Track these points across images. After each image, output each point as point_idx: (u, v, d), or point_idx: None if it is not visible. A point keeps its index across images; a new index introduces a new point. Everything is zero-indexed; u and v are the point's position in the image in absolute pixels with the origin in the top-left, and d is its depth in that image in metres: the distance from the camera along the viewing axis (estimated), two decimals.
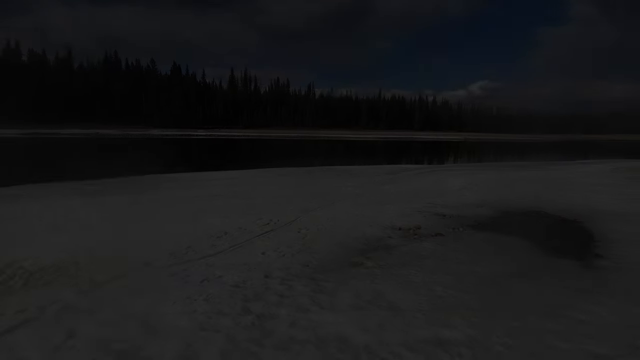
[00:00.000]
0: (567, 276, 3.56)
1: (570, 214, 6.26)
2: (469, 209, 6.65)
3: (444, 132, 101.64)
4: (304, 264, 3.91)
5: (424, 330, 2.45)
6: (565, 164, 19.53)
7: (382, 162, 22.73)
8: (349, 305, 2.85)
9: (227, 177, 12.86)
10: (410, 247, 4.50)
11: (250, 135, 67.30)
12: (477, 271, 3.64)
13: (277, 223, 5.77)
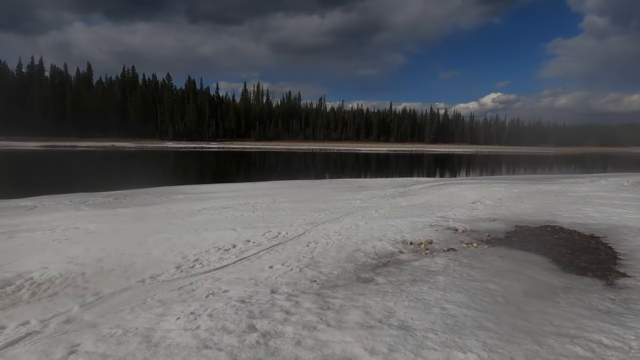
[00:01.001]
0: (589, 296, 3.37)
1: (587, 229, 6.02)
2: (482, 223, 6.46)
3: (456, 144, 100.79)
4: (312, 279, 3.82)
5: (436, 353, 2.32)
6: (581, 176, 19.02)
7: (394, 175, 22.55)
8: (358, 324, 2.73)
9: (237, 190, 12.90)
10: (421, 263, 4.36)
11: (262, 147, 67.93)
12: (491, 289, 3.49)
13: (286, 236, 5.70)
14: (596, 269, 4.25)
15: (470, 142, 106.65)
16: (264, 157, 42.74)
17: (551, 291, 3.48)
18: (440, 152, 69.12)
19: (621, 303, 3.24)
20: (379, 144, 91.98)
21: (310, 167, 31.81)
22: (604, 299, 3.32)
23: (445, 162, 41.61)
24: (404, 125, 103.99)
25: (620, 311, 3.06)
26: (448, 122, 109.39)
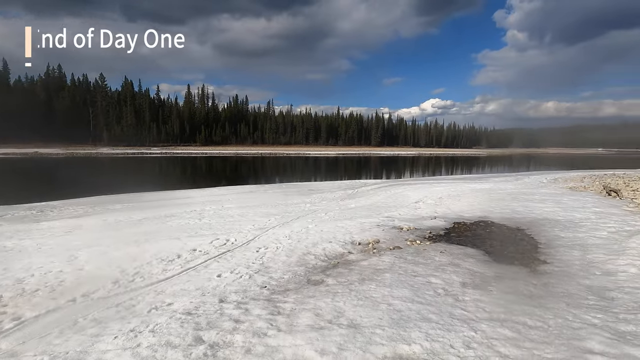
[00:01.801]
0: (516, 283, 3.74)
1: (514, 223, 6.67)
2: (425, 221, 6.86)
3: (400, 147, 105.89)
4: (262, 285, 3.76)
5: (383, 348, 2.42)
6: (508, 175, 21.04)
7: (343, 178, 23.04)
8: (308, 326, 2.75)
9: (182, 197, 12.29)
10: (369, 262, 4.51)
11: (208, 152, 65.47)
12: (433, 282, 3.71)
13: (235, 243, 5.56)
14: (522, 258, 4.73)
15: (413, 145, 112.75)
16: (210, 163, 41.23)
17: (484, 281, 3.80)
18: (386, 154, 72.09)
19: (542, 287, 3.64)
20: (328, 148, 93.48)
21: (260, 171, 31.35)
22: (528, 285, 3.70)
23: (390, 165, 43.48)
24: (352, 129, 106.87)
25: (541, 294, 3.43)
26: (392, 126, 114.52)
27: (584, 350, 2.35)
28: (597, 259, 4.53)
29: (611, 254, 4.68)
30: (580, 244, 5.23)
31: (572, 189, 11.84)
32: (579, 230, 5.97)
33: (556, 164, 46.07)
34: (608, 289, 3.55)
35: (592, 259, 4.52)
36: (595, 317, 2.86)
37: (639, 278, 3.83)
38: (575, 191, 11.35)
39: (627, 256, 4.53)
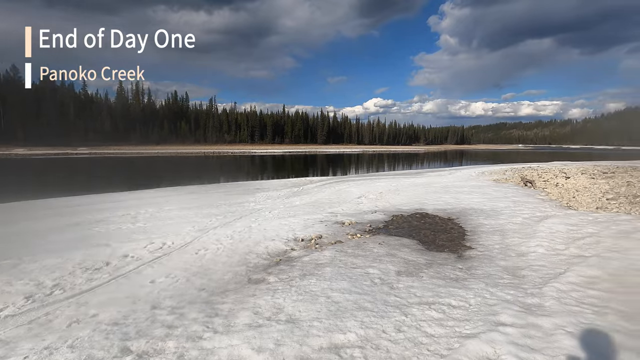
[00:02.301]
0: (444, 268, 4.05)
1: (446, 213, 7.21)
2: (366, 215, 7.12)
3: (345, 145, 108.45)
4: (200, 287, 3.63)
5: (320, 339, 2.47)
6: (443, 170, 22.65)
7: (289, 176, 22.99)
8: (246, 325, 2.72)
9: (116, 200, 11.36)
10: (311, 257, 4.57)
11: (145, 152, 61.19)
12: (370, 273, 3.88)
13: (172, 246, 5.28)
14: (450, 245, 5.13)
15: (358, 143, 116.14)
16: (148, 163, 38.58)
17: (417, 268, 4.06)
18: (331, 152, 73.39)
19: (466, 270, 3.99)
20: (274, 146, 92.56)
21: (203, 171, 30.04)
22: (455, 269, 4.03)
23: (336, 162, 44.36)
24: (298, 127, 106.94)
25: (465, 277, 3.76)
26: (337, 124, 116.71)
27: (497, 324, 2.63)
28: (513, 242, 5.07)
29: (524, 237, 5.28)
30: (500, 230, 5.81)
31: (496, 181, 13.09)
32: (500, 218, 6.62)
33: (484, 158, 50.60)
34: (520, 268, 4.00)
35: (509, 243, 5.05)
36: (508, 294, 3.21)
37: (545, 257, 4.37)
38: (498, 183, 12.57)
39: (536, 239, 5.13)
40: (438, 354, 2.29)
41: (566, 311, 2.82)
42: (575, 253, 4.43)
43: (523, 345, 2.34)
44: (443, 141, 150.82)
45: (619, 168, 16.18)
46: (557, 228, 5.64)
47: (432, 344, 2.41)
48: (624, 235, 5.08)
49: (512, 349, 2.28)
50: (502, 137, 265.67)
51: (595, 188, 9.75)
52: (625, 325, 2.59)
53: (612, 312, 2.80)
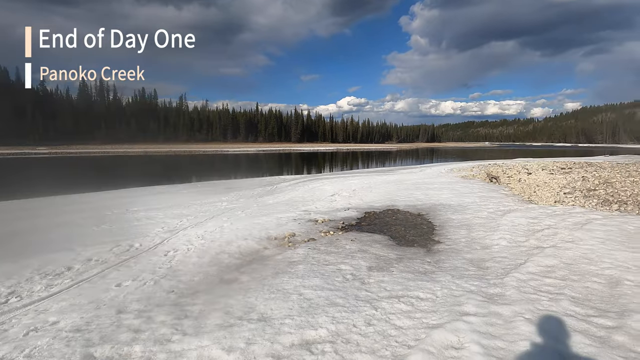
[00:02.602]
0: (414, 262, 4.17)
1: (416, 209, 7.41)
2: (339, 213, 7.19)
3: (320, 143, 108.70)
4: (169, 290, 3.54)
5: (291, 336, 2.48)
6: (414, 167, 23.24)
7: (263, 175, 22.77)
8: (217, 326, 2.68)
9: (79, 202, 10.81)
10: (284, 255, 4.56)
11: (111, 151, 58.59)
12: (343, 269, 3.93)
13: (139, 248, 5.11)
14: (420, 240, 5.28)
15: (332, 141, 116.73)
16: (114, 163, 36.98)
17: (388, 263, 4.15)
18: (306, 150, 73.34)
19: (434, 264, 4.13)
20: (248, 145, 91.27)
21: (173, 171, 29.15)
22: (424, 263, 4.16)
23: (310, 160, 44.39)
24: (271, 125, 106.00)
25: (433, 270, 3.89)
26: (311, 122, 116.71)
27: (462, 314, 2.74)
28: (479, 235, 5.30)
29: (489, 230, 5.52)
30: (466, 224, 6.05)
31: (464, 178, 13.59)
32: (467, 213, 6.89)
33: (453, 155, 52.30)
34: (484, 260, 4.19)
35: (475, 236, 5.27)
36: (472, 285, 3.35)
37: (507, 249, 4.59)
38: (466, 179, 13.06)
39: (500, 232, 5.39)
40: (406, 345, 2.37)
41: (525, 299, 2.99)
42: (534, 244, 4.70)
43: (485, 332, 2.46)
44: (415, 139, 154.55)
45: (576, 164, 17.24)
46: (519, 221, 5.94)
47: (400, 335, 2.48)
48: (578, 226, 5.44)
49: (474, 337, 2.40)
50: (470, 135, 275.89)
51: (554, 183, 10.34)
52: (576, 310, 2.78)
53: (565, 298, 3.00)
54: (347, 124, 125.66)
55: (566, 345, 2.29)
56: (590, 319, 2.64)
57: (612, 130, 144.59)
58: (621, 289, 3.18)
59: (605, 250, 4.27)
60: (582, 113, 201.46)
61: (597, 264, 3.85)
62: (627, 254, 4.13)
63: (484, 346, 2.29)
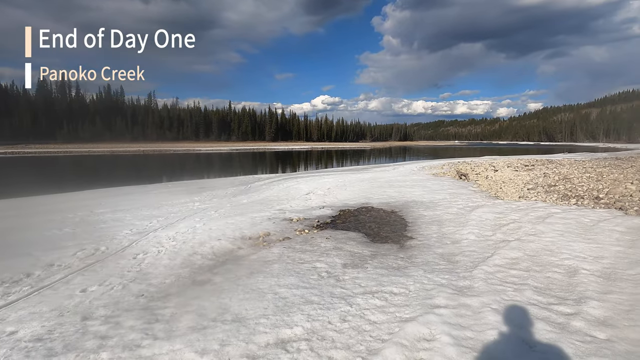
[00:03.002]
0: (387, 258, 4.25)
1: (389, 206, 7.56)
2: (314, 211, 7.21)
3: (294, 142, 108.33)
4: (139, 293, 3.42)
5: (267, 335, 2.47)
6: (387, 165, 23.67)
7: (236, 174, 22.41)
8: (190, 328, 2.62)
9: (37, 204, 10.19)
10: (259, 255, 4.52)
11: (75, 151, 55.67)
12: (318, 267, 3.95)
13: (106, 252, 4.89)
14: (394, 236, 5.39)
15: (306, 140, 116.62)
16: (77, 162, 35.17)
17: (362, 260, 4.21)
18: (280, 149, 72.87)
19: (407, 259, 4.22)
20: (221, 143, 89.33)
21: (143, 171, 28.10)
22: (397, 259, 4.25)
23: (285, 159, 44.16)
24: (245, 124, 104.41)
25: (406, 265, 3.98)
26: (286, 121, 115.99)
27: (433, 306, 2.83)
28: (449, 231, 5.48)
29: (458, 226, 5.72)
30: (437, 220, 6.23)
31: (435, 175, 13.99)
32: (438, 209, 7.10)
33: (425, 154, 53.73)
34: (454, 254, 4.34)
35: (445, 232, 5.44)
36: (443, 278, 3.46)
37: (475, 243, 4.78)
38: (437, 176, 13.45)
39: (468, 227, 5.59)
40: (380, 339, 2.41)
41: (492, 290, 3.12)
42: (500, 238, 4.91)
43: (455, 324, 2.55)
44: (388, 138, 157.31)
45: (538, 161, 18.18)
46: (486, 216, 6.19)
47: (374, 330, 2.53)
48: (540, 220, 5.74)
49: (445, 328, 2.48)
50: (440, 134, 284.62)
51: (518, 179, 10.85)
52: (538, 299, 2.94)
53: (528, 288, 3.16)
54: (321, 123, 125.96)
55: (529, 332, 2.42)
56: (551, 307, 2.80)
57: (570, 129, 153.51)
58: (578, 278, 3.39)
59: (564, 242, 4.53)
60: (543, 113, 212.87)
61: (557, 255, 4.08)
62: (584, 245, 4.40)
63: (454, 337, 2.38)
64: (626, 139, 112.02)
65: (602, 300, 2.88)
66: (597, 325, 2.51)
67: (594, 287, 3.16)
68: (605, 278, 3.38)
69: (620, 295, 2.97)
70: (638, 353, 2.16)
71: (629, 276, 3.38)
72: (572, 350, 2.19)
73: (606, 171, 11.95)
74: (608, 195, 7.56)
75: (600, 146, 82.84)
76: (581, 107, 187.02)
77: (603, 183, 9.21)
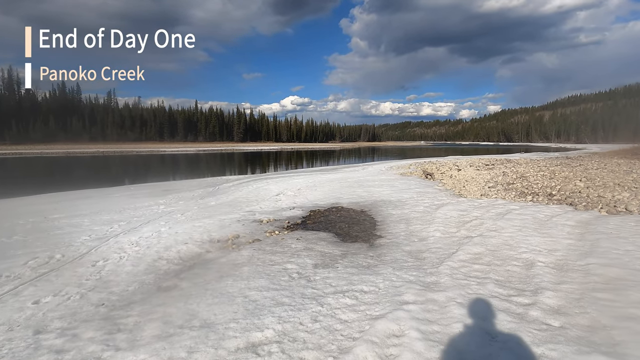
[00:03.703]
0: (357, 257, 4.31)
1: (359, 206, 7.66)
2: (284, 212, 7.16)
3: (263, 143, 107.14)
4: (98, 303, 3.23)
5: (237, 340, 2.42)
6: (357, 165, 24.01)
7: (205, 175, 21.82)
8: (155, 337, 2.51)
9: None
10: (228, 258, 4.42)
11: (25, 152, 51.78)
12: (289, 268, 3.92)
13: (62, 260, 4.59)
14: (363, 235, 5.47)
15: (276, 140, 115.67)
16: (30, 165, 32.75)
17: (333, 259, 4.24)
18: (249, 150, 71.78)
19: (377, 257, 4.30)
20: (187, 144, 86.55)
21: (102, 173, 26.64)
22: (367, 257, 4.32)
23: (255, 160, 43.57)
24: (212, 124, 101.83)
25: (376, 264, 4.05)
26: (254, 121, 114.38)
27: (402, 302, 2.90)
28: (416, 229, 5.63)
29: (425, 223, 5.90)
30: (405, 218, 6.39)
31: (402, 175, 14.36)
32: (405, 207, 7.29)
33: (393, 154, 55.03)
34: (421, 251, 4.47)
35: (413, 230, 5.59)
36: (411, 275, 3.56)
37: (441, 240, 4.95)
38: (404, 176, 13.81)
39: (434, 224, 5.79)
40: (351, 337, 2.43)
41: (457, 285, 3.24)
42: (464, 234, 5.12)
43: (422, 319, 2.62)
44: (357, 139, 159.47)
45: (497, 161, 19.16)
46: (451, 214, 6.43)
47: (345, 329, 2.55)
48: (500, 216, 6.04)
49: (414, 323, 2.55)
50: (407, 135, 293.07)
51: (480, 178, 11.38)
52: (499, 291, 3.09)
53: (490, 281, 3.32)
54: (290, 124, 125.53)
55: (492, 323, 2.54)
56: (511, 299, 2.95)
57: (526, 130, 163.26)
58: (535, 270, 3.60)
59: (522, 237, 4.80)
60: (502, 115, 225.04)
61: (516, 249, 4.32)
62: (539, 239, 4.69)
63: (422, 331, 2.45)
64: (575, 140, 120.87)
65: (556, 290, 3.08)
66: (552, 313, 2.68)
67: (548, 278, 3.37)
68: (559, 269, 3.62)
69: (571, 285, 3.19)
70: (587, 338, 2.33)
71: (579, 267, 3.64)
72: (530, 339, 2.33)
73: (558, 170, 12.82)
74: (560, 192, 8.11)
75: (552, 146, 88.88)
76: (535, 109, 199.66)
77: (555, 181, 9.87)
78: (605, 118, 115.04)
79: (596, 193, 7.68)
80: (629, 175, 10.51)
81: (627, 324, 2.45)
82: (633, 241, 4.35)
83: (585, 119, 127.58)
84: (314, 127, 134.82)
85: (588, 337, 2.34)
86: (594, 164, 15.37)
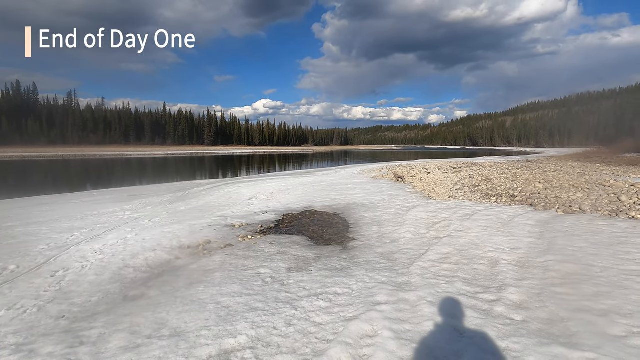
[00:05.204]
0: (331, 260, 4.33)
1: (332, 209, 7.71)
2: (257, 216, 7.08)
3: (235, 146, 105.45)
4: (58, 315, 3.05)
5: (209, 348, 2.36)
6: (329, 169, 24.18)
7: (174, 180, 21.15)
8: (121, 348, 2.40)
9: None
10: (199, 264, 4.31)
11: None
12: (262, 273, 3.88)
13: (16, 271, 4.29)
14: (337, 238, 5.51)
15: (248, 144, 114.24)
16: None
17: (306, 263, 4.23)
18: (220, 154, 70.36)
19: (350, 260, 4.34)
20: (155, 148, 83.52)
21: (61, 178, 25.15)
22: (340, 260, 4.35)
23: (226, 164, 42.77)
24: (182, 127, 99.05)
25: (349, 266, 4.09)
26: (226, 124, 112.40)
27: (375, 303, 2.95)
28: (388, 230, 5.75)
29: (396, 225, 6.03)
30: (377, 220, 6.51)
31: (374, 178, 14.60)
32: (377, 210, 7.42)
33: (365, 157, 55.87)
34: (393, 252, 4.56)
35: (385, 232, 5.70)
36: (383, 276, 3.63)
37: (412, 241, 5.08)
38: (376, 179, 14.05)
39: (405, 226, 5.93)
40: (325, 339, 2.44)
41: (427, 284, 3.34)
42: (434, 235, 5.29)
43: (395, 318, 2.68)
44: (329, 142, 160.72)
45: (464, 164, 19.94)
46: (421, 216, 6.62)
47: (320, 331, 2.56)
48: (467, 217, 6.29)
49: (386, 323, 2.59)
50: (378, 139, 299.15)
51: (448, 181, 11.79)
52: (467, 289, 3.22)
53: (458, 280, 3.45)
54: (263, 127, 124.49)
55: (460, 320, 2.64)
56: (478, 296, 3.08)
57: (490, 135, 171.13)
58: (499, 268, 3.78)
59: (487, 237, 5.02)
60: (467, 120, 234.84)
61: (482, 248, 4.51)
62: (503, 238, 4.93)
63: (395, 331, 2.50)
64: (534, 144, 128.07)
65: (518, 286, 3.25)
66: (515, 309, 2.82)
67: (511, 275, 3.55)
68: (521, 266, 3.82)
69: (532, 280, 3.38)
70: (547, 330, 2.47)
71: (539, 264, 3.86)
72: (495, 333, 2.44)
73: (519, 172, 13.53)
74: (521, 194, 8.56)
75: (514, 150, 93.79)
76: (498, 115, 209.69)
77: (517, 183, 10.41)
78: (561, 124, 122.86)
79: (554, 194, 8.18)
80: (582, 177, 11.28)
81: (582, 315, 2.63)
82: (586, 239, 4.67)
83: (543, 124, 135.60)
84: (286, 131, 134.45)
85: (547, 330, 2.48)
86: (551, 167, 16.36)
